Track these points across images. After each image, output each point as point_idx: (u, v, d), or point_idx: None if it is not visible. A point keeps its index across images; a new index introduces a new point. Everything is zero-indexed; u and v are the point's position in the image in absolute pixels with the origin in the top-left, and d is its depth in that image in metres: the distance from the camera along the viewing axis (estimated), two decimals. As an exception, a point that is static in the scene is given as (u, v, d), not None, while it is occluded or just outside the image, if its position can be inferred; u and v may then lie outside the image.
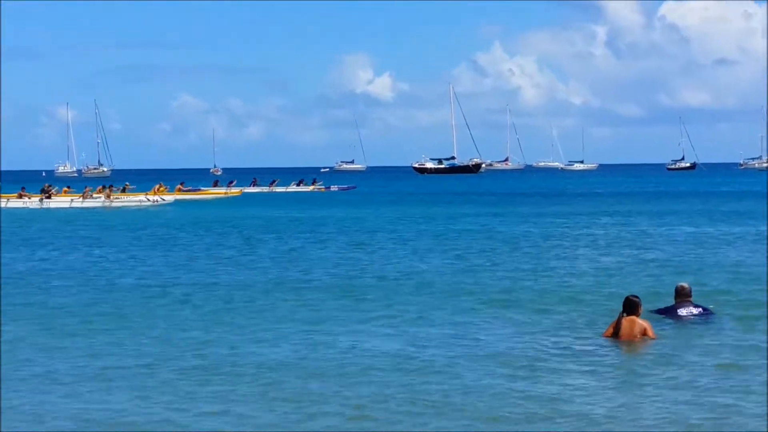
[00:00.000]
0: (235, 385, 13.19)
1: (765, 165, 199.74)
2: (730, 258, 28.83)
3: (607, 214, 53.34)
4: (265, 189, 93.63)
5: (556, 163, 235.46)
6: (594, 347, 15.36)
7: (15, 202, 64.68)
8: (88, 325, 17.88)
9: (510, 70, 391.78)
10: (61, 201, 65.30)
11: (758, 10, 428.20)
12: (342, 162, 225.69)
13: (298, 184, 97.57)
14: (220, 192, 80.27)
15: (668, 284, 22.40)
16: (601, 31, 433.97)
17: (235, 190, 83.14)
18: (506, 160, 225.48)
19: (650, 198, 76.84)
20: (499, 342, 16.02)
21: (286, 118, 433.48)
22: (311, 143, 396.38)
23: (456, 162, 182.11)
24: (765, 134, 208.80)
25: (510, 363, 14.32)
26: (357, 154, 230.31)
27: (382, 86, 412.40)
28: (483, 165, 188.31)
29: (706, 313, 18.01)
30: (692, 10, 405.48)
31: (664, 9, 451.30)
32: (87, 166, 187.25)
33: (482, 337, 16.44)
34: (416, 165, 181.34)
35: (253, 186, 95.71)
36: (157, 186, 75.23)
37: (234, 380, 13.48)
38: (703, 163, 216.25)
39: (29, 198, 65.78)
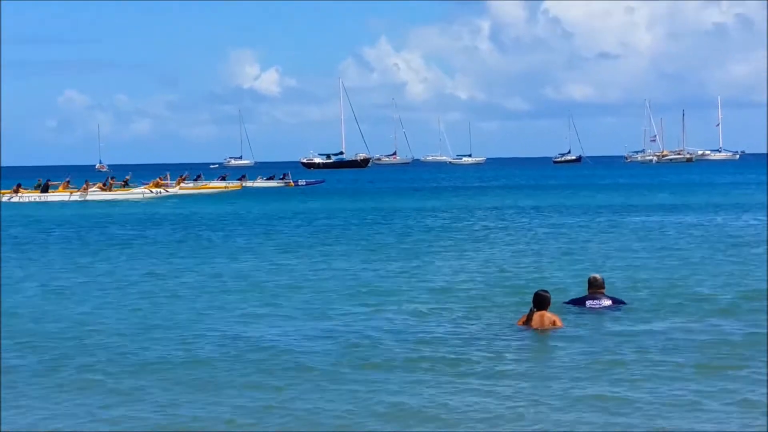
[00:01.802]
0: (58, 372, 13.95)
1: (648, 158, 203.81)
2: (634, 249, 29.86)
3: (498, 207, 54.43)
4: (236, 184, 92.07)
5: (444, 157, 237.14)
6: (505, 336, 15.97)
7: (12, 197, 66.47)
8: None
9: (396, 64, 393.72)
10: (60, 195, 67.31)
11: (640, 4, 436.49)
12: (230, 158, 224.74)
13: (269, 179, 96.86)
14: (220, 186, 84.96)
15: (559, 276, 23.35)
16: (485, 26, 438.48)
17: (235, 184, 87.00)
18: (394, 154, 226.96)
19: (535, 191, 78.32)
20: (394, 337, 16.51)
21: (173, 114, 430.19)
22: (199, 139, 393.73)
23: (344, 157, 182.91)
24: (648, 128, 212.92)
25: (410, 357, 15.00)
26: (245, 150, 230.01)
27: (269, 81, 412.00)
28: (371, 159, 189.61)
29: (618, 305, 18.29)
30: (575, 5, 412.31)
31: (548, 3, 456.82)
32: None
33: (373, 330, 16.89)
34: (304, 160, 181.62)
35: (220, 181, 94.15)
36: (158, 179, 77.35)
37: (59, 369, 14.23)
38: (588, 156, 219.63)
39: (25, 193, 67.67)
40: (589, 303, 18.18)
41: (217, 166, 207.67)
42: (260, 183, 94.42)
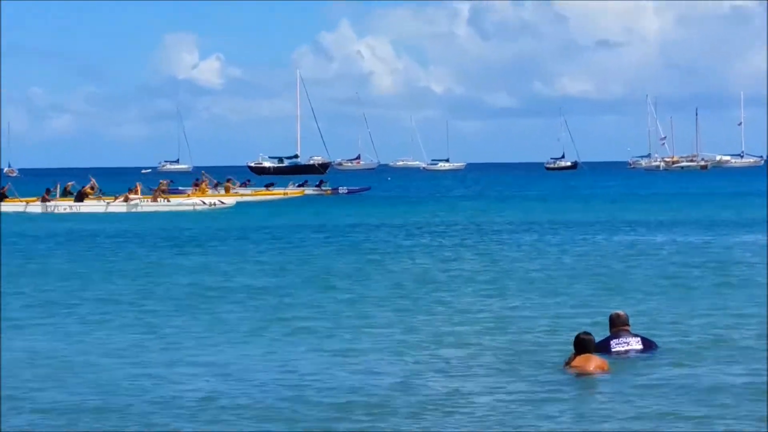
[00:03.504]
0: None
1: (655, 164, 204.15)
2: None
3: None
4: (263, 192, 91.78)
5: (417, 162, 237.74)
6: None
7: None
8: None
9: (359, 52, 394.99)
10: (96, 205, 69.75)
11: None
12: (166, 162, 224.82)
13: (301, 185, 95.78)
14: (279, 192, 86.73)
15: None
16: (464, 8, 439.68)
17: (297, 191, 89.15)
18: (358, 158, 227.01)
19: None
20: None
21: (98, 110, 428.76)
22: (129, 139, 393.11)
23: (299, 161, 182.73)
24: (653, 128, 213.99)
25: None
26: (182, 152, 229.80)
27: (210, 71, 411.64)
28: (331, 164, 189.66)
29: (648, 345, 18.55)
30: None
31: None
32: None
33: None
34: (252, 164, 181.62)
35: (245, 187, 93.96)
36: (202, 183, 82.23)
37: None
38: (585, 162, 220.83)
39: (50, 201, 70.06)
40: (614, 345, 18.25)
41: (149, 171, 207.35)
42: (293, 191, 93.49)
